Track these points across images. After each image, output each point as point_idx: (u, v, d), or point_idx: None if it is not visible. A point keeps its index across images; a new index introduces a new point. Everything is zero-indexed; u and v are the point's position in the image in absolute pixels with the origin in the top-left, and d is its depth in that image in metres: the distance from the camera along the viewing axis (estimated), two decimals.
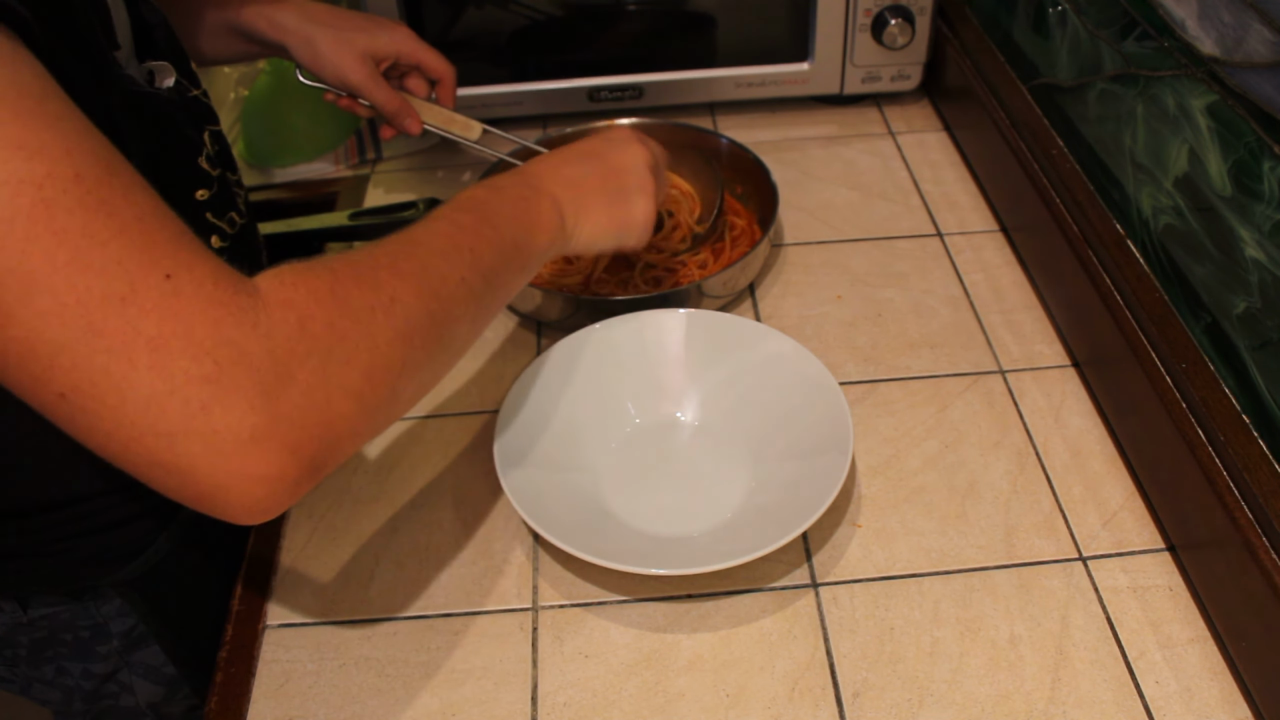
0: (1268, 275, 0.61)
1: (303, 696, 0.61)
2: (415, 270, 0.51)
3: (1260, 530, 0.57)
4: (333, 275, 0.47)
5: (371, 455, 0.75)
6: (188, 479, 0.42)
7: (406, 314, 0.49)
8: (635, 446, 0.74)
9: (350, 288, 0.47)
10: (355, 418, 0.46)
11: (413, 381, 0.50)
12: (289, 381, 0.43)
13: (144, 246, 0.40)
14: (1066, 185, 0.81)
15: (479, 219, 0.58)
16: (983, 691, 0.59)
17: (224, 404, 0.41)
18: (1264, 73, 0.60)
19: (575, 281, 0.86)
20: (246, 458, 0.42)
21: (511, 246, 0.59)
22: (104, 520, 0.65)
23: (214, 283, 0.42)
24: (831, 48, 1.02)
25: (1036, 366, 0.79)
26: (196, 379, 0.40)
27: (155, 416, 0.40)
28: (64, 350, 0.39)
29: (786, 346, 0.74)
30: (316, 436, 0.44)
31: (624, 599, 0.65)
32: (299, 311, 0.44)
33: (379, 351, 0.47)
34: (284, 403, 0.42)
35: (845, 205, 0.96)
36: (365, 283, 0.48)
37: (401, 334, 0.49)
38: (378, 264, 0.50)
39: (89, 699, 0.73)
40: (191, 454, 0.41)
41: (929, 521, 0.68)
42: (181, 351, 0.40)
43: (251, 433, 0.41)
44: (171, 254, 0.41)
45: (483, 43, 1.03)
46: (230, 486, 0.42)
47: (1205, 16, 0.65)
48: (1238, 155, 0.63)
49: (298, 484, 0.44)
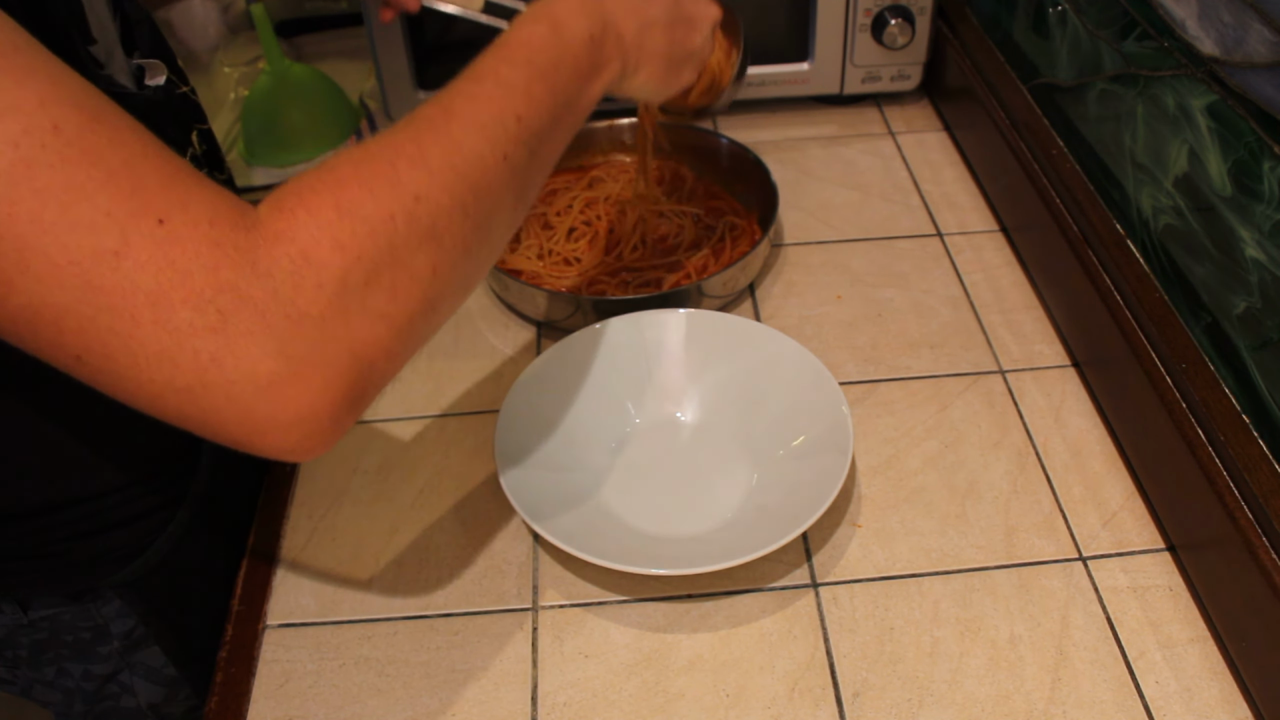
0: (1268, 275, 0.61)
1: (303, 696, 0.61)
2: (444, 154, 0.44)
3: (1260, 530, 0.57)
4: (338, 185, 0.42)
5: (371, 455, 0.75)
6: (221, 429, 0.40)
7: (433, 213, 0.43)
8: (635, 446, 0.74)
9: (360, 195, 0.42)
10: (386, 340, 0.42)
11: (449, 287, 0.45)
12: (300, 320, 0.39)
13: (133, 193, 0.37)
14: (1066, 185, 0.81)
15: (532, 74, 0.49)
16: (983, 691, 0.59)
17: (234, 354, 0.38)
18: (1264, 73, 0.60)
19: (575, 282, 0.86)
20: (272, 404, 0.39)
21: (565, 105, 0.51)
22: (104, 521, 0.65)
23: (210, 222, 0.38)
24: (831, 48, 1.02)
25: (1036, 366, 0.79)
26: (202, 330, 0.38)
27: (170, 372, 0.38)
28: (68, 313, 0.37)
29: (786, 346, 0.74)
30: (345, 369, 0.41)
31: (624, 599, 0.65)
32: (300, 241, 0.40)
33: (403, 264, 0.42)
34: (298, 343, 0.39)
35: (845, 205, 0.96)
36: (380, 183, 0.42)
37: (429, 237, 0.43)
38: (397, 153, 0.43)
39: (90, 700, 0.73)
40: (215, 406, 0.39)
41: (929, 521, 0.68)
42: (182, 303, 0.37)
43: (269, 379, 0.39)
44: (164, 196, 0.38)
45: (483, 43, 1.03)
46: (265, 432, 0.40)
47: (1205, 16, 0.65)
48: (1238, 155, 0.63)
49: (337, 420, 0.41)
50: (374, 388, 0.43)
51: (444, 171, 0.44)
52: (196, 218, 0.38)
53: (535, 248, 0.89)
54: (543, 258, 0.88)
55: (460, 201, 0.44)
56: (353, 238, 0.41)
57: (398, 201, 0.42)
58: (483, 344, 0.83)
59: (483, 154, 0.46)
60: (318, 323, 0.40)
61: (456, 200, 0.44)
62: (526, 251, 0.89)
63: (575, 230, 0.90)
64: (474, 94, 0.47)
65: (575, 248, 0.89)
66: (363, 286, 0.41)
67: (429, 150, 0.44)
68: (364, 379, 0.42)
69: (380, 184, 0.42)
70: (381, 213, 0.42)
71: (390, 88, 1.01)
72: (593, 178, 0.95)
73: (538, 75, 0.50)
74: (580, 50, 0.53)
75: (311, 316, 0.40)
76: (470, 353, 0.83)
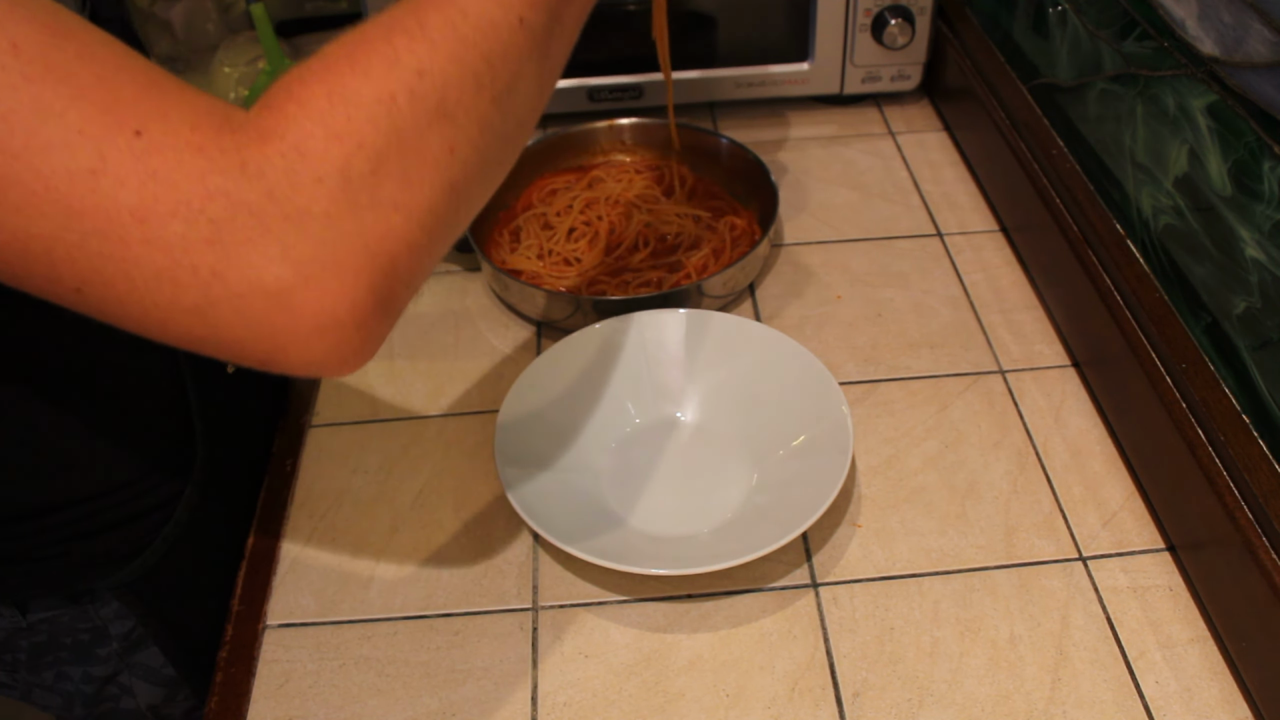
0: (1268, 275, 0.61)
1: (303, 696, 0.61)
2: (447, 22, 0.40)
3: (1260, 530, 0.57)
4: (328, 71, 0.38)
5: (372, 455, 0.75)
6: (239, 349, 0.38)
7: (441, 87, 0.39)
8: (635, 446, 0.74)
9: (354, 79, 0.38)
10: (406, 232, 0.39)
11: (471, 168, 0.41)
12: (302, 219, 0.36)
13: (107, 107, 0.35)
14: (1066, 185, 0.81)
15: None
16: (983, 691, 0.59)
17: (236, 264, 0.36)
18: (1264, 73, 0.60)
19: (575, 282, 0.86)
20: (287, 314, 0.36)
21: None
22: (101, 522, 0.65)
23: (191, 128, 0.36)
24: (831, 48, 1.02)
25: (1036, 366, 0.79)
26: (196, 243, 0.35)
27: (172, 292, 0.36)
28: (56, 242, 0.35)
29: (786, 346, 0.74)
30: (362, 268, 0.37)
31: (624, 599, 0.65)
32: (292, 136, 0.37)
33: (412, 147, 0.39)
34: (304, 244, 0.36)
35: (845, 205, 0.96)
36: (375, 61, 0.39)
37: (438, 114, 0.39)
38: (392, 27, 0.40)
39: (90, 703, 0.73)
40: (228, 323, 0.36)
41: (929, 521, 0.68)
42: (170, 215, 0.35)
43: (278, 287, 0.36)
44: (140, 107, 0.35)
45: None
46: (286, 346, 0.37)
47: (1205, 16, 0.65)
48: (1238, 155, 0.63)
49: (364, 326, 0.38)
50: (403, 286, 0.40)
51: (449, 42, 0.40)
52: (176, 125, 0.36)
53: (535, 248, 0.89)
54: (543, 258, 0.88)
55: (472, 72, 0.40)
56: (349, 124, 0.37)
57: (398, 79, 0.38)
58: (483, 344, 0.83)
59: (494, 18, 0.41)
60: (323, 220, 0.37)
61: (468, 70, 0.40)
62: (526, 251, 0.89)
63: (575, 230, 0.90)
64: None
65: (575, 248, 0.89)
66: (369, 176, 0.38)
67: (429, 20, 0.40)
68: (387, 277, 0.39)
69: (376, 62, 0.39)
70: (380, 93, 0.38)
71: None
72: (593, 178, 0.95)
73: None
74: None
75: (314, 214, 0.36)
76: (470, 353, 0.83)
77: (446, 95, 0.39)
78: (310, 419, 0.78)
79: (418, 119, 0.39)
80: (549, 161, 0.97)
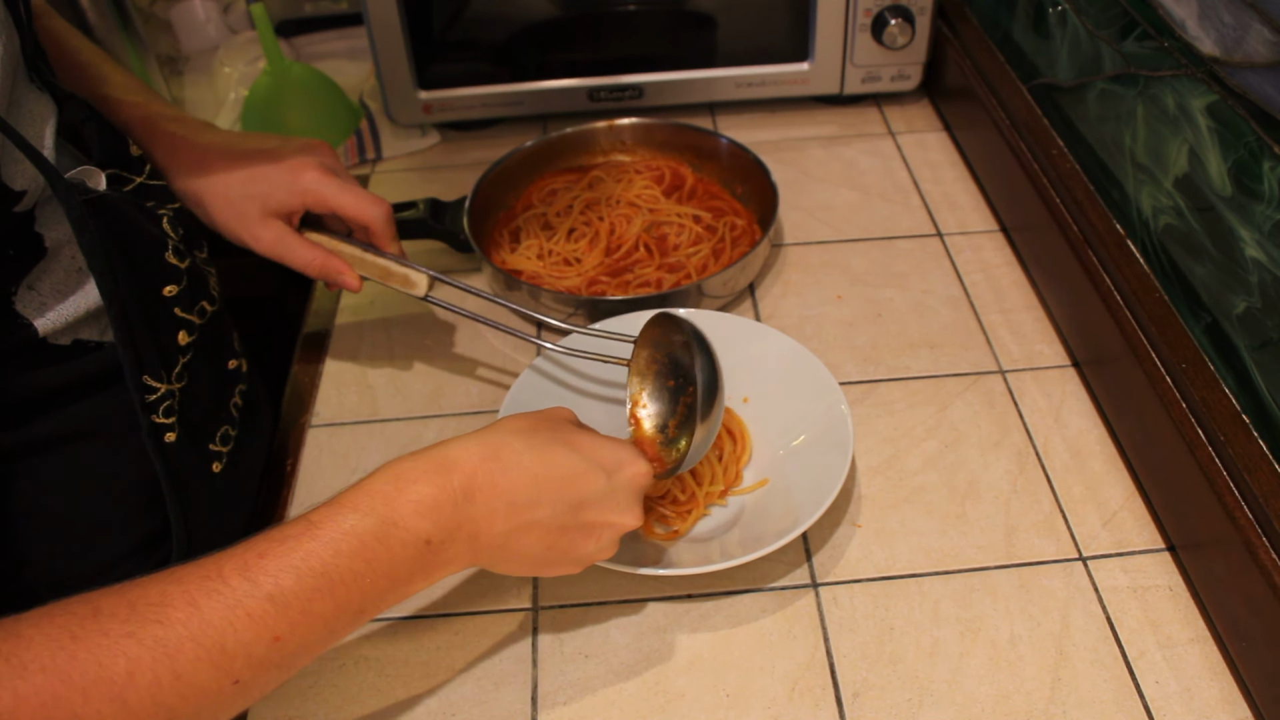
0: (1268, 275, 0.61)
1: (302, 696, 0.61)
2: (150, 689, 0.38)
3: (1260, 530, 0.57)
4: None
5: (371, 455, 0.75)
6: None
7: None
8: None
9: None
10: None
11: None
12: None
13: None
14: (1066, 185, 0.81)
15: (319, 587, 0.42)
16: (983, 691, 0.59)
17: None
18: (1264, 73, 0.60)
19: (575, 282, 0.86)
20: None
21: (357, 612, 0.45)
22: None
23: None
24: (831, 48, 1.02)
25: (1036, 366, 0.79)
26: None
27: None
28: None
29: (786, 346, 0.74)
30: None
31: (624, 599, 0.65)
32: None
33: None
34: None
35: (845, 205, 0.96)
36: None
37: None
38: (90, 690, 0.37)
39: None
40: None
41: (929, 521, 0.68)
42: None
43: None
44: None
45: (483, 42, 1.03)
46: None
47: (1205, 16, 0.65)
48: (1238, 155, 0.63)
49: None
50: None
51: (145, 712, 0.38)
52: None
53: (535, 248, 0.89)
54: (543, 258, 0.88)
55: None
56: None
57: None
58: (483, 344, 0.83)
59: (204, 684, 0.39)
60: None
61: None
62: (526, 251, 0.89)
63: (575, 230, 0.90)
64: (225, 601, 0.40)
65: (575, 248, 0.89)
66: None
67: (137, 681, 0.37)
68: None
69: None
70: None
71: (390, 88, 1.01)
72: (593, 178, 0.95)
73: (326, 589, 0.42)
74: (408, 554, 0.46)
75: None
76: (470, 353, 0.83)
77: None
78: (310, 419, 0.78)
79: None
80: (549, 161, 0.97)
